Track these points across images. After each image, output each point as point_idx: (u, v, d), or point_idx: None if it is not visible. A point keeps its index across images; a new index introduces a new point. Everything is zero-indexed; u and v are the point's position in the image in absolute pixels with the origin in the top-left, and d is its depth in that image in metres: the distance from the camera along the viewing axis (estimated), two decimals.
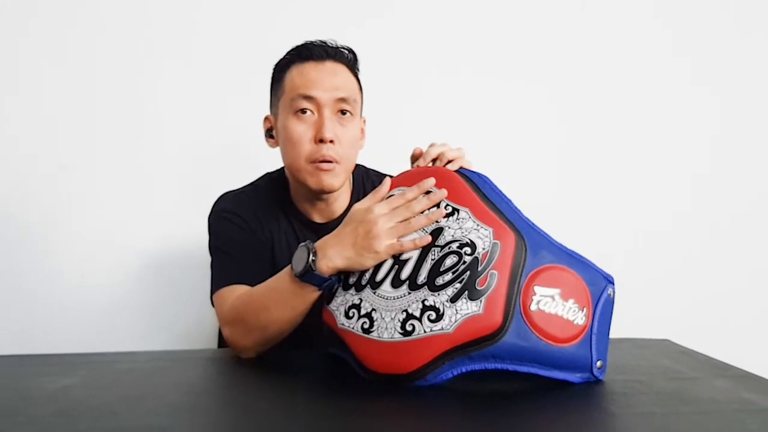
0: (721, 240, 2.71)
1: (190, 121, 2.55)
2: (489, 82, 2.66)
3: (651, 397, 1.18)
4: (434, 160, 1.46)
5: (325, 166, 1.66)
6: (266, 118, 1.84)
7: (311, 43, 1.73)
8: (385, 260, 1.32)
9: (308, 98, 1.66)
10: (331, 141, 1.65)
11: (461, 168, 1.40)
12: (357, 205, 1.40)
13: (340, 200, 1.81)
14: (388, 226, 1.33)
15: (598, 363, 1.24)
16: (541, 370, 1.21)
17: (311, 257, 1.37)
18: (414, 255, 1.28)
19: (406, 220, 1.33)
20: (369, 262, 1.34)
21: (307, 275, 1.39)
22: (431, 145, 1.47)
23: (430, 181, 1.36)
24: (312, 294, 1.44)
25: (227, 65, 2.55)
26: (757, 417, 1.05)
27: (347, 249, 1.36)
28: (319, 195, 1.75)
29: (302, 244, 1.42)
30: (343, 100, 1.68)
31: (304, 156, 1.68)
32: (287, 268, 1.45)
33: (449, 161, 1.43)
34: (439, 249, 1.25)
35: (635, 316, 1.95)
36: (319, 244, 1.40)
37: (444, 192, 1.33)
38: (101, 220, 2.53)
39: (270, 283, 1.51)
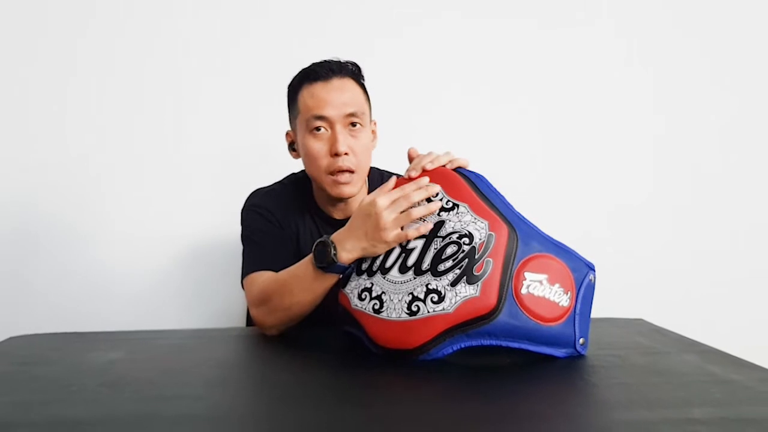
0: (691, 229, 2.72)
1: (223, 130, 2.56)
2: (485, 94, 2.67)
3: (627, 369, 1.19)
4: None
5: (342, 178, 1.67)
6: (287, 134, 1.84)
7: (317, 64, 1.72)
8: (394, 249, 1.33)
9: (321, 118, 1.66)
10: (346, 153, 1.66)
11: (460, 168, 1.40)
12: (363, 200, 1.40)
13: (357, 200, 1.77)
14: (392, 218, 1.33)
15: (581, 340, 1.25)
16: (530, 346, 1.21)
17: (333, 251, 1.38)
18: (419, 244, 1.28)
19: (406, 211, 1.34)
20: (381, 250, 1.35)
21: (330, 267, 1.40)
22: (419, 158, 1.47)
23: (425, 179, 1.37)
24: (331, 280, 1.45)
25: (255, 80, 2.56)
26: (720, 387, 1.06)
27: (362, 240, 1.37)
28: (342, 200, 1.75)
29: (320, 239, 1.42)
30: (352, 114, 1.67)
31: (323, 169, 1.68)
32: (309, 258, 1.46)
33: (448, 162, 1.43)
34: (441, 239, 1.26)
35: (614, 299, 1.95)
36: (335, 237, 1.41)
37: (437, 187, 1.35)
38: (144, 215, 2.54)
39: (293, 269, 1.51)
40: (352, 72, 1.74)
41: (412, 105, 2.53)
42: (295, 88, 1.75)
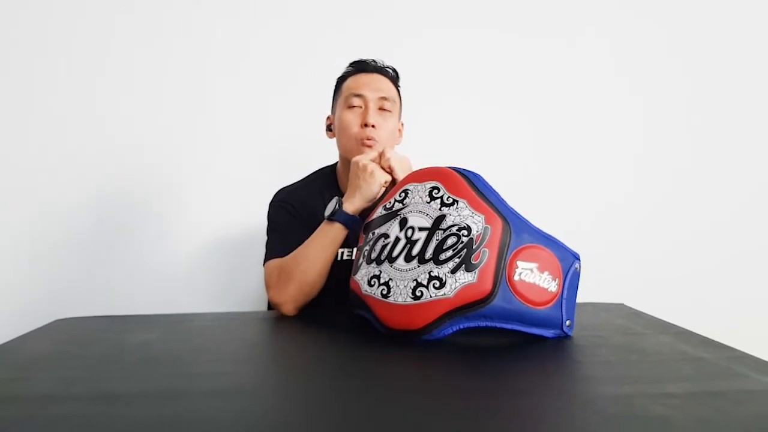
0: (668, 225, 2.72)
1: (255, 133, 2.57)
2: (483, 100, 2.67)
3: (608, 348, 1.18)
4: None
5: (368, 142, 1.76)
6: (328, 117, 1.93)
7: (365, 60, 1.84)
8: (400, 240, 1.33)
9: (358, 96, 1.77)
10: (373, 126, 1.75)
11: (459, 167, 1.40)
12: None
13: None
14: (368, 158, 1.59)
15: (567, 322, 1.25)
16: (522, 327, 1.22)
17: (338, 202, 1.57)
18: (422, 236, 1.29)
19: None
20: (374, 187, 1.57)
21: (337, 215, 1.56)
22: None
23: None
24: (340, 234, 1.59)
25: (285, 86, 2.57)
26: (691, 364, 1.06)
27: (358, 189, 1.57)
28: None
29: (334, 197, 1.61)
30: (384, 99, 1.78)
31: (353, 137, 1.78)
32: (323, 222, 1.61)
33: None
34: (442, 231, 1.26)
35: (598, 285, 1.95)
36: (345, 196, 1.62)
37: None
38: (180, 211, 2.56)
39: (309, 238, 1.62)
40: (392, 75, 1.87)
41: (413, 108, 2.53)
42: (342, 77, 1.88)
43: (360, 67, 1.83)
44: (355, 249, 1.74)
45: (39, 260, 2.50)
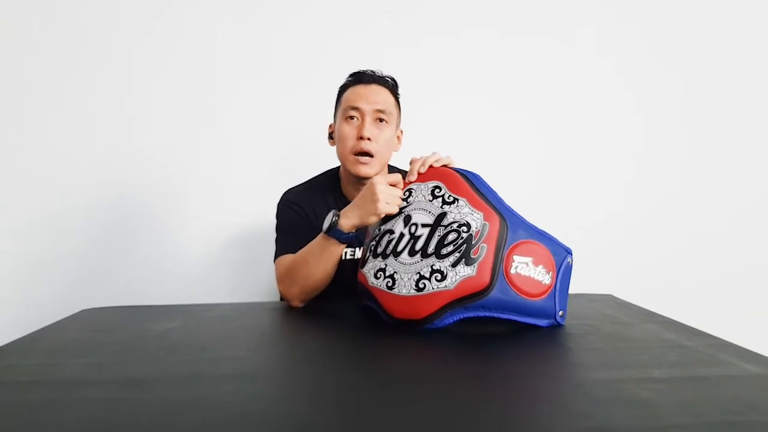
0: (655, 220, 2.72)
1: (265, 136, 2.57)
2: (487, 104, 2.67)
3: (598, 336, 1.20)
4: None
5: (363, 159, 1.73)
6: (330, 125, 1.90)
7: (364, 71, 1.81)
8: (404, 235, 1.35)
9: (355, 108, 1.75)
10: (369, 138, 1.72)
11: (459, 168, 1.42)
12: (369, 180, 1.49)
13: None
14: (385, 194, 1.43)
15: (560, 312, 1.26)
16: (518, 317, 1.23)
17: (335, 218, 1.49)
18: (425, 232, 1.30)
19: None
20: (372, 220, 1.45)
21: (331, 231, 1.49)
22: (413, 164, 1.52)
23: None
24: (336, 249, 1.53)
25: (294, 88, 2.57)
26: (675, 351, 1.07)
27: (359, 209, 1.47)
28: (361, 180, 1.77)
29: (331, 210, 1.52)
30: (380, 111, 1.75)
31: (349, 148, 1.75)
32: (320, 233, 1.55)
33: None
34: (444, 228, 1.28)
35: (588, 278, 1.96)
36: (343, 210, 1.51)
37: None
38: (202, 205, 2.56)
39: (309, 245, 1.59)
40: (390, 85, 1.83)
41: (413, 109, 2.52)
42: (343, 88, 1.85)
43: (358, 78, 1.81)
44: (358, 248, 1.76)
45: (65, 255, 2.50)
